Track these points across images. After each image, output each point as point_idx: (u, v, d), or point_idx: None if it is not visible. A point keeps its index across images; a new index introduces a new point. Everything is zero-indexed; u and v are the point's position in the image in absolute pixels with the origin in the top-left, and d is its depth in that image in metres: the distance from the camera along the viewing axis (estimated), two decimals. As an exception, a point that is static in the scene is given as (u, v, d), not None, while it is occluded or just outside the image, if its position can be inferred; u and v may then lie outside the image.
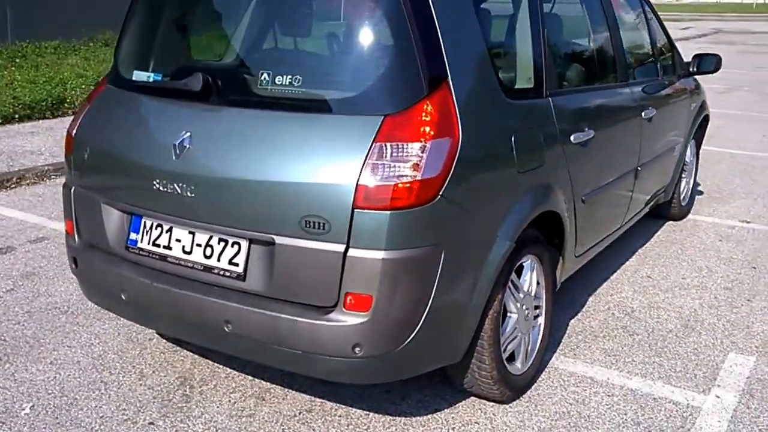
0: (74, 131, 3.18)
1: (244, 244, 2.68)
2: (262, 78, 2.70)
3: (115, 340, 3.71)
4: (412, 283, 2.53)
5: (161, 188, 2.76)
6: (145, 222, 2.92)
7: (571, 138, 3.35)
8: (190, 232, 2.81)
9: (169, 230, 2.85)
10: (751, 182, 7.03)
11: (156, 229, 2.89)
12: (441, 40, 2.59)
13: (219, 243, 2.74)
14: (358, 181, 2.44)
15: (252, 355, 2.84)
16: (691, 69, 5.17)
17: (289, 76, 2.64)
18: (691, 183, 5.99)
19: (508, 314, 3.06)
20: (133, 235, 2.96)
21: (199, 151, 2.71)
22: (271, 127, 2.66)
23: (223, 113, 2.77)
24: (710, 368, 3.54)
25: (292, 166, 2.55)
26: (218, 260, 2.73)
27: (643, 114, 4.27)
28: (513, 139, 2.88)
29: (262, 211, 2.59)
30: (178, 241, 2.83)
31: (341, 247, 2.47)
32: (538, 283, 3.27)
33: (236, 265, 2.69)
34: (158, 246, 2.88)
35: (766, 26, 29.77)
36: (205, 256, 2.76)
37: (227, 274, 2.71)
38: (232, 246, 2.70)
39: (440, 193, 2.50)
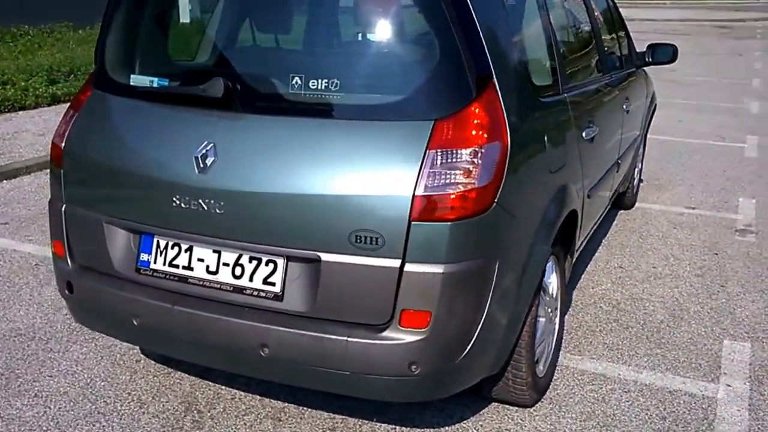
0: (63, 143, 2.87)
1: (281, 262, 2.49)
2: (294, 82, 2.50)
3: (100, 365, 3.41)
4: (470, 296, 2.43)
5: (183, 204, 2.53)
6: (158, 241, 2.68)
7: (583, 134, 3.33)
8: (215, 251, 2.59)
9: (189, 249, 2.63)
10: (684, 168, 7.31)
11: (172, 248, 2.66)
12: (483, 38, 2.48)
13: (251, 262, 2.54)
14: (414, 191, 2.30)
15: (291, 379, 2.67)
16: (646, 59, 5.25)
17: (325, 81, 2.47)
18: (640, 172, 6.16)
19: (538, 318, 3.01)
20: (144, 256, 2.71)
21: (227, 163, 2.49)
22: (309, 136, 2.47)
23: (250, 121, 2.57)
24: (711, 357, 3.62)
25: (338, 177, 2.38)
26: (250, 280, 2.54)
27: (624, 106, 4.32)
28: (546, 138, 2.82)
29: (304, 226, 2.41)
30: (201, 260, 2.61)
31: (396, 263, 2.33)
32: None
33: (272, 284, 2.51)
34: (176, 267, 2.65)
35: (654, 13, 31.14)
36: (235, 276, 2.56)
37: (262, 294, 2.52)
38: (267, 264, 2.51)
39: (495, 200, 2.41)
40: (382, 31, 2.64)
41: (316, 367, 2.48)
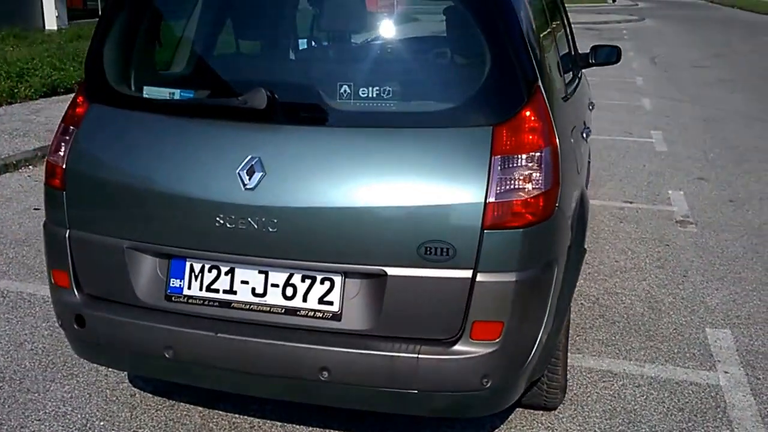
0: (64, 163, 2.60)
1: (338, 279, 2.36)
2: (342, 91, 2.38)
3: (92, 403, 3.12)
4: (538, 303, 2.40)
5: (228, 224, 2.35)
6: (191, 265, 2.48)
7: (583, 134, 3.37)
8: (261, 272, 2.42)
9: (230, 272, 2.44)
10: (607, 164, 7.60)
11: (210, 272, 2.46)
12: (527, 40, 2.45)
13: (303, 281, 2.39)
14: (485, 199, 2.24)
15: (351, 402, 2.54)
16: (590, 60, 5.38)
17: (376, 89, 2.37)
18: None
19: (566, 319, 3.00)
20: (175, 282, 2.49)
21: (278, 178, 2.33)
22: (363, 146, 2.36)
23: (296, 133, 2.41)
24: (700, 345, 3.76)
25: (401, 188, 2.28)
26: (304, 300, 2.39)
27: (589, 107, 4.42)
28: (571, 139, 2.83)
29: (367, 241, 2.30)
30: (245, 283, 2.43)
31: (468, 273, 2.25)
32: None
33: (329, 303, 2.37)
34: (216, 291, 2.45)
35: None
36: (286, 297, 2.40)
37: (318, 314, 2.37)
38: (322, 283, 2.37)
39: (557, 204, 2.38)
40: (432, 38, 2.56)
41: (380, 387, 2.36)
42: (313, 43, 2.89)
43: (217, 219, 2.35)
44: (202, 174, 2.40)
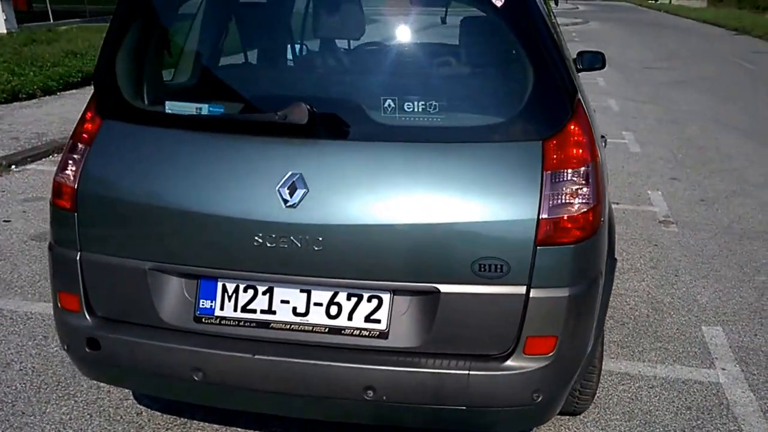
0: (76, 183, 2.43)
1: (386, 297, 2.27)
2: (386, 105, 2.29)
3: (93, 424, 2.99)
4: (587, 316, 2.36)
5: (268, 243, 2.23)
6: (224, 285, 2.35)
7: (603, 142, 3.35)
8: (302, 291, 2.31)
9: (268, 291, 2.33)
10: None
11: (246, 291, 2.34)
12: (563, 52, 2.40)
13: (349, 299, 2.29)
14: (538, 215, 2.18)
15: (395, 420, 2.45)
16: (577, 66, 5.37)
17: (422, 103, 2.29)
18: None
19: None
20: (205, 303, 2.36)
21: (322, 195, 2.22)
22: (413, 162, 2.25)
23: (338, 148, 2.30)
24: (699, 344, 3.79)
25: (453, 204, 2.21)
26: (349, 319, 2.29)
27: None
28: (600, 151, 2.79)
29: (419, 258, 2.21)
30: (285, 302, 2.32)
31: (522, 289, 2.20)
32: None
33: (377, 321, 2.28)
34: (253, 312, 2.34)
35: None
36: (330, 316, 2.30)
37: (364, 333, 2.28)
38: (369, 301, 2.28)
39: (602, 218, 2.34)
40: (478, 51, 2.51)
41: (427, 405, 2.29)
42: (350, 55, 2.78)
43: (256, 238, 2.23)
44: (237, 192, 2.28)
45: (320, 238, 2.21)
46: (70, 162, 2.47)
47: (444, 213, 2.20)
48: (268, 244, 2.23)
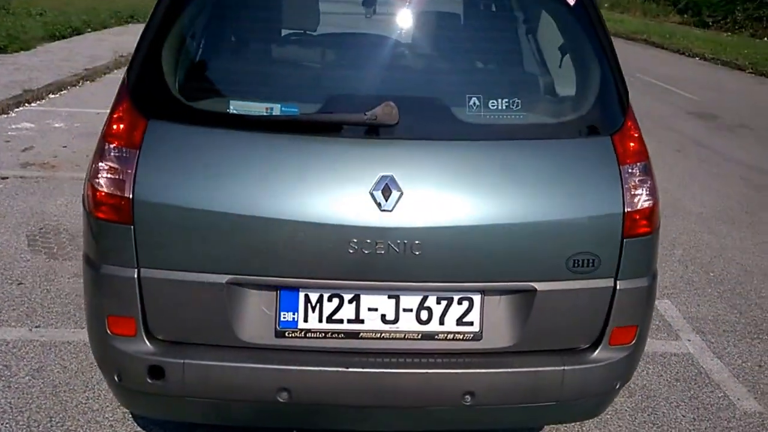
0: (130, 192, 2.20)
1: (476, 297, 2.31)
2: (472, 103, 2.31)
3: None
4: (653, 304, 2.55)
5: (364, 249, 2.18)
6: (307, 296, 2.28)
7: None
8: (390, 297, 2.29)
9: (355, 299, 2.29)
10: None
11: (330, 301, 2.29)
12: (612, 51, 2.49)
13: (438, 303, 2.31)
14: (624, 208, 2.30)
15: (492, 423, 2.55)
16: None
17: (506, 101, 2.32)
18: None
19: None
20: (287, 316, 2.28)
21: (416, 197, 2.20)
22: (502, 159, 2.30)
23: (427, 148, 2.28)
24: (659, 317, 4.26)
25: (544, 201, 2.27)
26: (440, 323, 2.32)
27: None
28: None
29: (515, 257, 2.27)
30: (373, 310, 2.30)
31: (610, 282, 2.33)
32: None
33: (469, 324, 2.32)
34: (339, 322, 2.29)
35: None
36: (420, 322, 2.31)
37: (458, 336, 2.32)
38: (460, 303, 2.31)
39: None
40: (553, 50, 2.56)
41: (523, 404, 2.39)
42: (431, 54, 2.74)
43: (351, 244, 2.18)
44: (328, 197, 2.20)
45: (417, 242, 2.19)
46: (112, 168, 2.22)
47: (535, 210, 2.25)
48: (365, 251, 2.18)
